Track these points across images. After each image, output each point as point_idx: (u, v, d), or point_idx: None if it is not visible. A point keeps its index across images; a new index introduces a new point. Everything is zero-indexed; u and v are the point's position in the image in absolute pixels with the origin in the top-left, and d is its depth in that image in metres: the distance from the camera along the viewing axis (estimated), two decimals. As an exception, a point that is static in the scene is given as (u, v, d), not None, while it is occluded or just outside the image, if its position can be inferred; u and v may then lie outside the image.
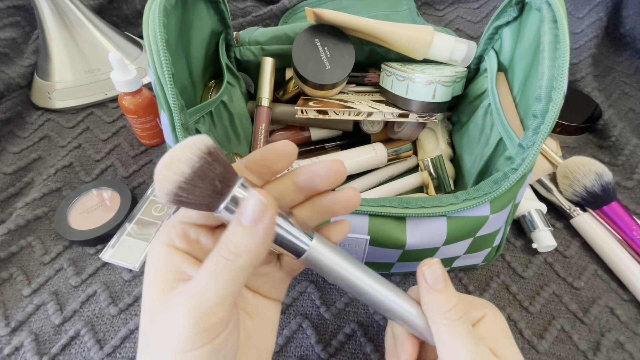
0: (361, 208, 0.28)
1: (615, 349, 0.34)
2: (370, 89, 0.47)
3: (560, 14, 0.26)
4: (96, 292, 0.36)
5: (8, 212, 0.43)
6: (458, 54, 0.39)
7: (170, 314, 0.17)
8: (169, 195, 0.17)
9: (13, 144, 0.50)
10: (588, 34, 0.60)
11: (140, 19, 0.66)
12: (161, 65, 0.27)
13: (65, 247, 0.40)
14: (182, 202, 0.17)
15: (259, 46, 0.45)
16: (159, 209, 0.42)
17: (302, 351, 0.33)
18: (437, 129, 0.44)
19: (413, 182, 0.43)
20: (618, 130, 0.50)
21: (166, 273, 0.18)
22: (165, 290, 0.18)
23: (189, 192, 0.17)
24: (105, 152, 0.49)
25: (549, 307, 0.36)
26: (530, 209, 0.40)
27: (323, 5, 0.69)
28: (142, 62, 0.57)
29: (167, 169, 0.16)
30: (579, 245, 0.41)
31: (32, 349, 0.33)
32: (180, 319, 0.17)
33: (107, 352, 0.33)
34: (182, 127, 0.28)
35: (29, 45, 0.59)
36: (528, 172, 0.28)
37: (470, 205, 0.28)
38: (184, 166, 0.16)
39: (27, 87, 0.57)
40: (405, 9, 0.69)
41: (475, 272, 0.39)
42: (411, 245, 0.29)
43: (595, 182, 0.40)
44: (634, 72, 0.62)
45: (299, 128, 0.47)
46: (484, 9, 0.72)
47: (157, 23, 0.27)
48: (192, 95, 0.37)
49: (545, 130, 0.26)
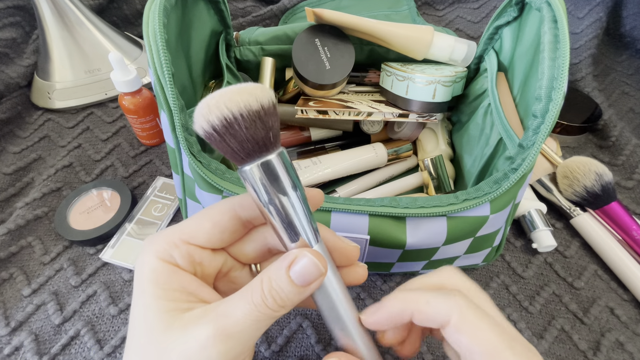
0: (361, 208, 0.28)
1: (615, 349, 0.34)
2: (370, 89, 0.47)
3: (560, 14, 0.26)
4: (96, 292, 0.36)
5: (8, 212, 0.43)
6: (458, 54, 0.39)
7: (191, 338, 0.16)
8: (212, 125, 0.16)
9: (13, 144, 0.50)
10: (588, 34, 0.60)
11: (140, 19, 0.66)
12: (161, 65, 0.27)
13: (65, 247, 0.40)
14: (216, 138, 0.17)
15: (259, 46, 0.45)
16: (159, 209, 0.42)
17: (302, 351, 0.33)
18: (437, 129, 0.44)
19: (413, 182, 0.43)
20: (618, 130, 0.50)
21: (172, 292, 0.18)
22: (174, 310, 0.17)
23: (234, 131, 0.17)
24: (105, 152, 0.49)
25: (549, 307, 0.36)
26: (530, 209, 0.40)
27: (323, 5, 0.69)
28: (142, 62, 0.57)
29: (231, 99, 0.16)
30: (579, 245, 0.41)
31: (32, 349, 0.33)
32: (207, 347, 0.16)
33: (107, 352, 0.33)
34: (182, 127, 0.28)
35: (29, 45, 0.59)
36: (528, 172, 0.28)
37: (470, 205, 0.28)
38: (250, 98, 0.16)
39: (27, 87, 0.57)
40: (405, 9, 0.69)
41: (475, 272, 0.39)
42: (411, 245, 0.29)
43: (595, 182, 0.40)
44: (634, 72, 0.62)
45: (299, 128, 0.47)
46: (484, 9, 0.72)
47: (157, 23, 0.27)
48: (192, 95, 0.37)
49: (545, 130, 0.26)
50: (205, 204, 0.32)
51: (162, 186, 0.45)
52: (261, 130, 0.17)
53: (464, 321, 0.18)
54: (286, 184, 0.18)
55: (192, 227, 0.19)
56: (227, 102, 0.16)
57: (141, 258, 0.19)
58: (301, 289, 0.17)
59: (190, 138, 0.29)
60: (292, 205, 0.18)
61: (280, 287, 0.17)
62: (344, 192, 0.42)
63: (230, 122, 0.16)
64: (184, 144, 0.28)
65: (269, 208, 0.18)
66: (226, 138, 0.17)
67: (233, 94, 0.17)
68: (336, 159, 0.43)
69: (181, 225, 0.20)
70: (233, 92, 0.17)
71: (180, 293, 0.18)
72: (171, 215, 0.42)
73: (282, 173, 0.18)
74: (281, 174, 0.18)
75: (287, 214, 0.18)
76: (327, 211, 0.29)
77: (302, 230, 0.19)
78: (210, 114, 0.16)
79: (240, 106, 0.16)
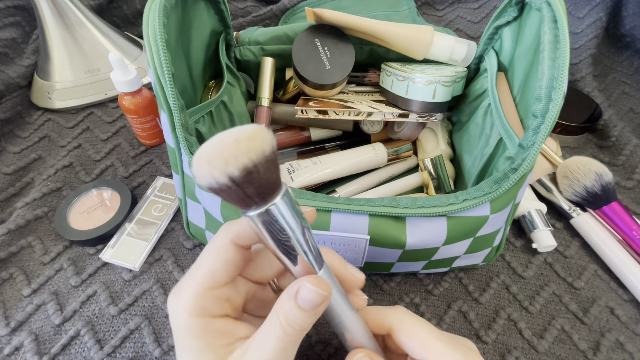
0: (361, 208, 0.28)
1: (615, 349, 0.34)
2: (370, 89, 0.47)
3: (560, 13, 0.26)
4: (96, 292, 0.36)
5: (8, 212, 0.43)
6: (458, 54, 0.39)
7: None
8: (218, 182, 0.16)
9: (13, 144, 0.50)
10: (588, 34, 0.60)
11: (140, 19, 0.66)
12: (161, 65, 0.27)
13: (65, 247, 0.40)
14: (224, 193, 0.17)
15: (259, 46, 0.45)
16: (159, 209, 0.42)
17: (301, 351, 0.33)
18: (437, 129, 0.44)
19: (413, 182, 0.43)
20: (618, 130, 0.50)
21: (212, 341, 0.20)
22: (219, 357, 0.20)
23: (238, 186, 0.16)
24: (105, 152, 0.49)
25: (549, 307, 0.36)
26: (530, 209, 0.40)
27: (323, 5, 0.69)
28: (142, 62, 0.57)
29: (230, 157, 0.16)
30: (579, 245, 0.41)
31: (32, 349, 0.33)
32: None
33: (107, 352, 0.33)
34: (182, 127, 0.28)
35: (29, 45, 0.59)
36: (528, 172, 0.28)
37: (470, 205, 0.28)
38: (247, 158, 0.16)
39: (27, 87, 0.57)
40: (405, 9, 0.69)
41: (475, 272, 0.39)
42: (411, 245, 0.29)
43: (595, 182, 0.40)
44: (634, 72, 0.62)
45: (299, 128, 0.47)
46: (484, 9, 0.72)
47: (157, 23, 0.27)
48: (192, 95, 0.37)
49: (545, 130, 0.26)
50: (205, 203, 0.32)
51: (162, 186, 0.45)
52: (274, 172, 0.17)
53: (404, 325, 0.23)
54: (292, 220, 0.18)
55: (207, 272, 0.20)
56: (243, 151, 0.16)
57: (174, 317, 0.20)
58: (311, 313, 0.19)
59: (190, 138, 0.29)
60: (298, 240, 0.19)
61: (293, 315, 0.19)
62: (344, 192, 0.42)
63: (250, 170, 0.16)
64: (184, 143, 0.28)
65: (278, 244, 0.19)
66: (244, 187, 0.16)
67: (247, 142, 0.16)
68: (336, 159, 0.43)
69: (195, 274, 0.20)
70: (245, 138, 0.16)
71: (219, 339, 0.20)
72: (171, 215, 0.42)
73: (289, 211, 0.18)
74: (289, 213, 0.18)
75: (294, 248, 0.19)
76: (327, 211, 0.29)
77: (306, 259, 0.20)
78: (228, 166, 0.16)
79: (258, 153, 0.16)
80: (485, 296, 0.37)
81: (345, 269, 0.23)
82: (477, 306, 0.36)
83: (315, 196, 0.29)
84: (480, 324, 0.35)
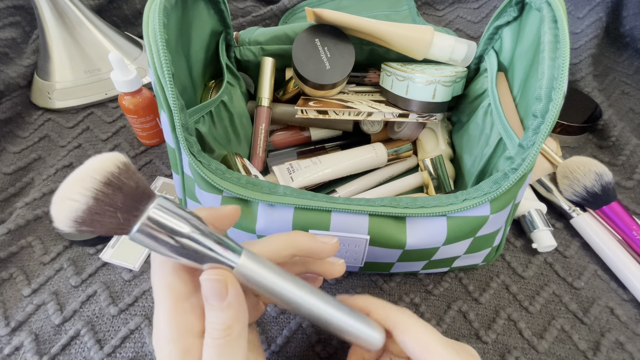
0: (361, 208, 0.28)
1: (615, 349, 0.34)
2: (370, 89, 0.47)
3: (560, 14, 0.26)
4: (96, 292, 0.36)
5: (8, 212, 0.43)
6: (458, 54, 0.39)
7: None
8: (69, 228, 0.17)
9: (13, 144, 0.50)
10: (588, 34, 0.60)
11: (140, 19, 0.66)
12: (161, 65, 0.27)
13: (65, 247, 0.40)
14: (85, 232, 0.17)
15: (259, 46, 0.45)
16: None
17: (302, 351, 0.33)
18: (437, 129, 0.44)
19: (413, 182, 0.44)
20: (618, 130, 0.50)
21: None
22: None
23: (88, 226, 0.17)
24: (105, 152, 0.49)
25: (549, 307, 0.36)
26: (530, 209, 0.40)
27: (323, 5, 0.69)
28: (142, 62, 0.57)
29: (60, 207, 0.17)
30: (579, 245, 0.41)
31: (32, 349, 0.33)
32: None
33: (107, 352, 0.33)
34: (182, 127, 0.28)
35: (29, 45, 0.59)
36: (528, 172, 0.28)
37: (470, 205, 0.28)
38: (76, 204, 0.17)
39: (27, 87, 0.57)
40: (405, 9, 0.69)
41: (475, 272, 0.39)
42: (411, 245, 0.29)
43: (595, 182, 0.40)
44: (634, 72, 0.62)
45: (299, 128, 0.47)
46: (484, 9, 0.72)
47: (157, 23, 0.27)
48: (192, 95, 0.37)
49: (545, 130, 0.26)
50: (205, 203, 0.32)
51: (162, 186, 0.45)
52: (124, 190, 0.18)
53: (408, 327, 0.23)
54: (176, 223, 0.18)
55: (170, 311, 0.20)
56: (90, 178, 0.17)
57: None
58: (223, 305, 0.18)
59: (190, 138, 0.29)
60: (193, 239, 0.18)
61: (210, 317, 0.19)
62: (344, 192, 0.42)
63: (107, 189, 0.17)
64: (184, 143, 0.28)
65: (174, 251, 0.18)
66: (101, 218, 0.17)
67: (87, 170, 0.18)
68: (336, 159, 0.43)
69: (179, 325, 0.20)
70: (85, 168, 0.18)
71: None
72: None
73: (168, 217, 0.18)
74: (168, 218, 0.18)
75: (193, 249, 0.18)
76: (327, 211, 0.29)
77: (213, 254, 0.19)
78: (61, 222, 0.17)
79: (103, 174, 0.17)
80: (485, 296, 0.37)
81: (314, 241, 0.23)
82: (477, 306, 0.36)
83: (315, 196, 0.29)
84: (480, 324, 0.35)
